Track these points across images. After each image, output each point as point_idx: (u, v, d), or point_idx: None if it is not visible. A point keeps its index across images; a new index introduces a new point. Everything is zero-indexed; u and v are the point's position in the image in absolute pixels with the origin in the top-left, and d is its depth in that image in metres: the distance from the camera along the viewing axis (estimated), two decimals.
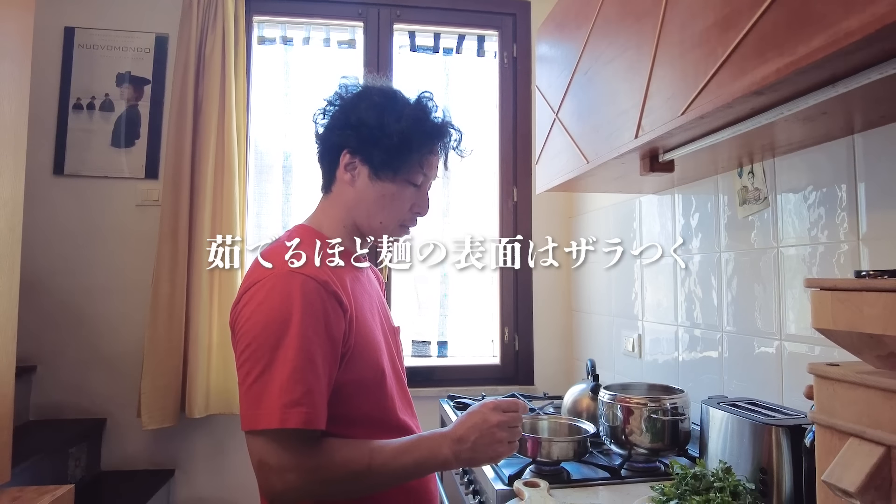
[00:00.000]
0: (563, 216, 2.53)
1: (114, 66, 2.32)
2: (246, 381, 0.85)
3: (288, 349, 0.83)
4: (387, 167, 0.99)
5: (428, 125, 1.01)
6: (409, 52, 2.55)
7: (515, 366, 2.47)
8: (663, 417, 1.31)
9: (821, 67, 0.72)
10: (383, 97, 1.02)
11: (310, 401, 0.83)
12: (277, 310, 0.85)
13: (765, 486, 1.06)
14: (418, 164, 1.01)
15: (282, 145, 2.47)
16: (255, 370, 0.84)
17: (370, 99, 1.01)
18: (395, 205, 1.02)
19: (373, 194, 1.01)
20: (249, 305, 0.87)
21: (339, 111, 1.03)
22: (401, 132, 0.97)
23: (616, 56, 1.27)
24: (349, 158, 1.00)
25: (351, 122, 1.00)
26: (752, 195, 1.37)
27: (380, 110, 0.99)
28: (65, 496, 1.46)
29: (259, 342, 0.84)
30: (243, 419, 0.84)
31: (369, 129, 0.98)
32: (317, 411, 0.84)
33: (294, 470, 0.82)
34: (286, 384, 0.82)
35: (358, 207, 1.02)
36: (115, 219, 2.27)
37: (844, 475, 0.66)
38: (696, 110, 0.95)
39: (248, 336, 0.86)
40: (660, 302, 1.78)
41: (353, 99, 1.03)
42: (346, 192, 1.03)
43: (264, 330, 0.84)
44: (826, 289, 0.71)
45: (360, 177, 1.00)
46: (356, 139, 0.99)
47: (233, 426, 2.24)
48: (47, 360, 2.18)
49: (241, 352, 0.87)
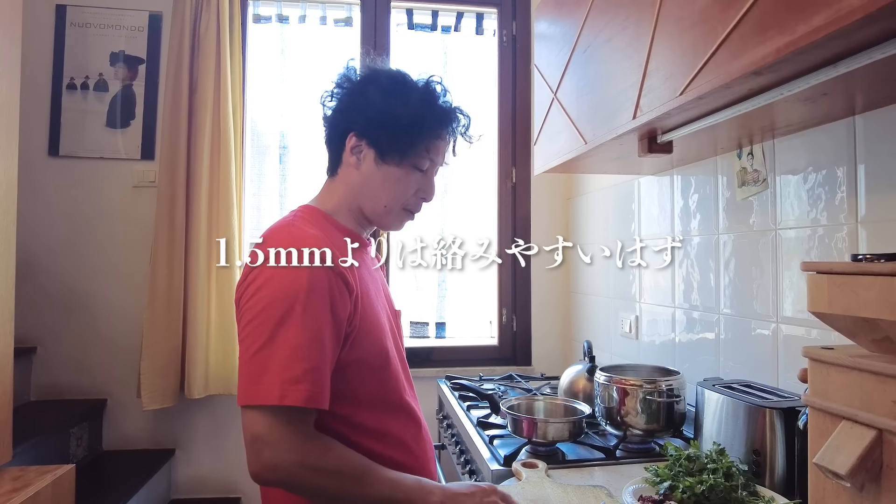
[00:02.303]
0: (562, 197, 2.52)
1: (107, 46, 2.29)
2: (245, 355, 0.84)
3: (292, 326, 0.83)
4: (393, 151, 0.99)
5: (436, 110, 1.01)
6: (406, 30, 2.52)
7: (513, 347, 2.48)
8: (659, 399, 1.31)
9: (822, 47, 0.70)
10: (392, 80, 1.01)
11: (312, 378, 0.83)
12: (284, 286, 0.85)
13: (758, 468, 1.07)
14: (425, 149, 1.01)
15: (278, 125, 2.45)
16: (255, 344, 0.83)
17: (378, 82, 1.00)
18: (400, 189, 1.02)
19: (378, 178, 1.00)
20: (256, 282, 0.87)
21: (347, 93, 1.02)
22: (408, 116, 0.97)
23: (615, 34, 1.25)
24: (355, 141, 1.00)
25: (358, 105, 1.00)
26: (751, 177, 1.36)
27: (388, 93, 0.99)
28: (66, 475, 1.48)
29: (263, 317, 0.84)
30: (241, 393, 0.83)
31: (376, 112, 0.98)
32: (319, 390, 0.84)
33: (289, 449, 0.81)
34: (288, 360, 0.82)
35: (363, 191, 1.02)
36: (111, 200, 2.26)
37: (836, 458, 0.66)
38: (695, 91, 0.93)
39: (252, 311, 0.85)
40: (657, 283, 1.78)
41: (362, 82, 1.02)
42: (352, 176, 1.02)
43: (269, 306, 0.84)
44: (822, 272, 0.71)
45: (366, 160, 1.00)
46: (363, 122, 0.99)
47: (232, 406, 2.26)
48: (47, 342, 2.19)
49: (243, 326, 0.86)
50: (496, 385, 1.95)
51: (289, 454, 0.81)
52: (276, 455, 0.81)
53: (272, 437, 0.81)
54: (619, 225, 2.03)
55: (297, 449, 0.82)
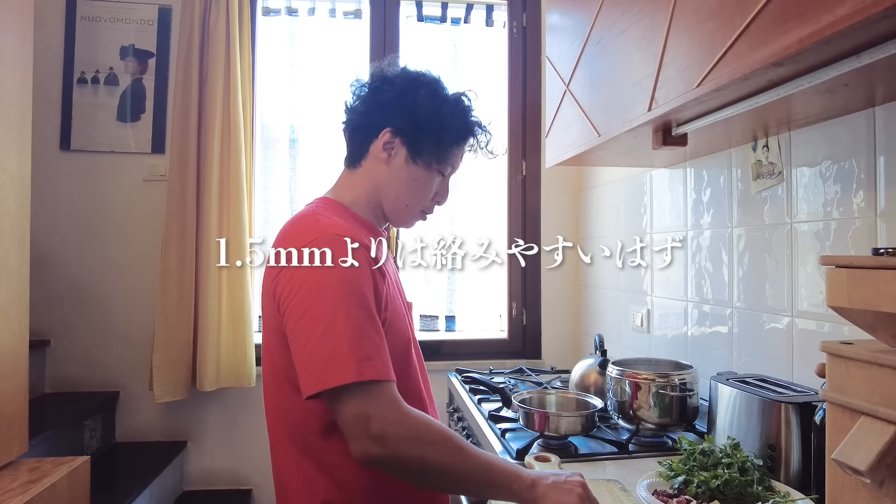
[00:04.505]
0: (573, 190, 2.50)
1: (117, 39, 2.29)
2: (308, 346, 0.84)
3: (348, 309, 0.84)
4: (427, 154, 1.02)
5: (469, 122, 1.06)
6: (416, 22, 2.50)
7: (523, 340, 2.48)
8: (671, 393, 1.31)
9: (846, 37, 0.69)
10: (438, 87, 1.05)
11: (378, 355, 0.84)
12: (329, 273, 0.86)
13: (773, 463, 1.06)
14: (454, 157, 1.06)
15: (287, 118, 2.44)
16: (316, 333, 0.83)
17: (429, 87, 1.04)
18: (423, 191, 1.05)
19: (405, 176, 1.03)
20: (299, 274, 0.87)
21: (393, 90, 1.03)
22: (451, 125, 1.03)
23: (630, 25, 1.23)
24: (390, 137, 1.02)
25: (406, 104, 1.01)
26: (766, 169, 1.34)
27: (439, 101, 1.03)
28: (81, 467, 1.50)
29: (317, 307, 0.84)
30: (312, 380, 0.82)
31: (425, 115, 1.01)
32: (387, 364, 0.85)
33: (394, 420, 0.81)
34: (354, 341, 0.82)
35: (387, 187, 1.04)
36: (123, 194, 2.27)
37: (855, 453, 0.66)
38: (712, 82, 0.92)
39: (303, 303, 0.85)
40: (669, 277, 1.77)
41: (412, 83, 1.04)
42: (378, 170, 1.04)
43: (320, 294, 0.85)
44: (842, 266, 0.70)
45: (397, 157, 1.02)
46: (406, 121, 1.01)
47: (243, 399, 2.27)
48: (60, 335, 2.21)
49: (297, 319, 0.85)
50: (507, 379, 1.95)
51: (395, 426, 0.81)
52: (385, 427, 0.80)
53: (376, 410, 0.80)
54: (631, 218, 2.02)
55: (401, 420, 0.82)
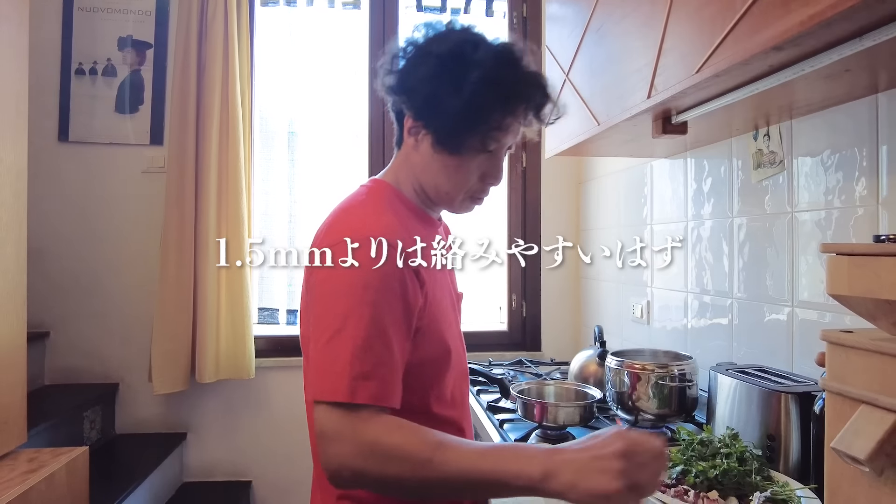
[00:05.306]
0: (574, 182, 2.49)
1: (115, 30, 2.28)
2: (316, 347, 0.79)
3: (362, 318, 0.77)
4: (450, 138, 0.87)
5: (504, 86, 0.85)
6: (415, 12, 2.48)
7: (523, 332, 2.47)
8: (670, 384, 1.30)
9: (848, 18, 0.68)
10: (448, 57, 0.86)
11: (381, 375, 0.76)
12: (355, 275, 0.79)
13: (772, 453, 1.06)
14: (495, 130, 0.88)
15: (286, 109, 2.43)
16: (323, 337, 0.78)
17: (429, 59, 0.87)
18: (461, 176, 0.91)
19: (438, 164, 0.90)
20: (324, 269, 0.81)
21: (408, 63, 0.90)
22: (462, 100, 0.83)
23: (629, 12, 1.22)
24: (412, 122, 0.90)
25: (407, 85, 0.89)
26: (767, 158, 1.33)
27: (440, 74, 0.85)
28: (80, 458, 1.50)
29: (332, 306, 0.79)
30: (310, 386, 0.79)
31: (425, 95, 0.87)
32: (389, 387, 0.77)
33: (349, 439, 0.72)
34: (357, 354, 0.75)
35: (424, 174, 0.93)
36: (121, 186, 2.26)
37: (855, 442, 0.65)
38: (712, 68, 0.91)
39: (322, 299, 0.81)
40: (669, 268, 1.76)
41: (414, 57, 0.89)
42: (413, 157, 0.93)
43: (338, 294, 0.79)
44: (843, 254, 0.69)
45: (424, 143, 0.90)
46: (415, 105, 0.89)
47: (242, 391, 2.27)
48: (59, 326, 2.21)
49: (315, 317, 0.82)
50: (506, 370, 1.95)
51: (350, 447, 0.72)
52: (339, 449, 0.72)
53: (334, 431, 0.73)
54: (632, 209, 2.01)
55: (360, 439, 0.73)
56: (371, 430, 0.73)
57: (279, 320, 2.48)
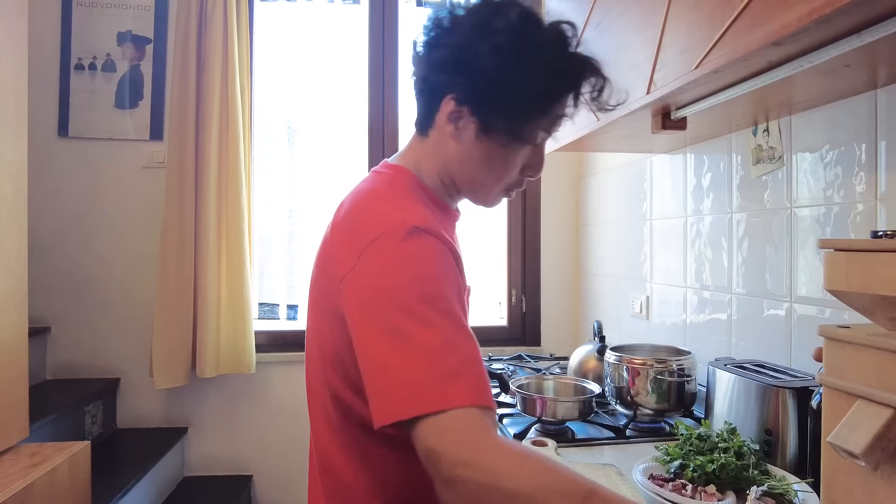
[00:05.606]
0: (574, 177, 2.49)
1: (114, 25, 2.27)
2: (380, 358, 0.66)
3: (430, 313, 0.66)
4: (503, 128, 0.78)
5: (567, 73, 0.77)
6: (415, 6, 2.47)
7: (522, 327, 2.48)
8: (669, 378, 1.31)
9: (847, 14, 0.68)
10: (513, 35, 0.75)
11: (469, 371, 0.64)
12: (410, 274, 0.68)
13: (769, 447, 1.06)
14: (546, 122, 0.81)
15: (286, 105, 2.43)
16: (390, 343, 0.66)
17: (492, 36, 0.75)
18: (505, 168, 0.83)
19: (479, 154, 0.81)
20: (374, 268, 0.70)
21: (447, 42, 0.77)
22: (532, 89, 0.75)
23: (629, 7, 1.22)
24: (454, 107, 0.78)
25: (462, 65, 0.76)
26: (766, 154, 1.33)
27: (506, 56, 0.74)
28: (81, 452, 1.51)
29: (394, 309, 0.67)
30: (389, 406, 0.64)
31: (487, 80, 0.75)
32: (480, 382, 0.64)
33: (466, 462, 0.58)
34: (436, 354, 0.64)
35: (459, 166, 0.83)
36: (121, 181, 2.26)
37: (851, 437, 0.65)
38: (711, 64, 0.91)
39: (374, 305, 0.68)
40: (669, 263, 1.76)
41: (470, 31, 0.76)
42: (448, 146, 0.82)
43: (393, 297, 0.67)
44: (840, 249, 0.69)
45: (466, 130, 0.80)
46: (467, 87, 0.77)
47: (243, 386, 2.28)
48: (60, 322, 2.22)
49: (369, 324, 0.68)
50: (505, 365, 1.95)
51: (467, 469, 0.58)
52: (454, 470, 0.59)
53: (447, 447, 0.60)
54: (631, 204, 2.01)
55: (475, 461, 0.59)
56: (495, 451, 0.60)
57: (279, 315, 2.49)
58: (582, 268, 2.46)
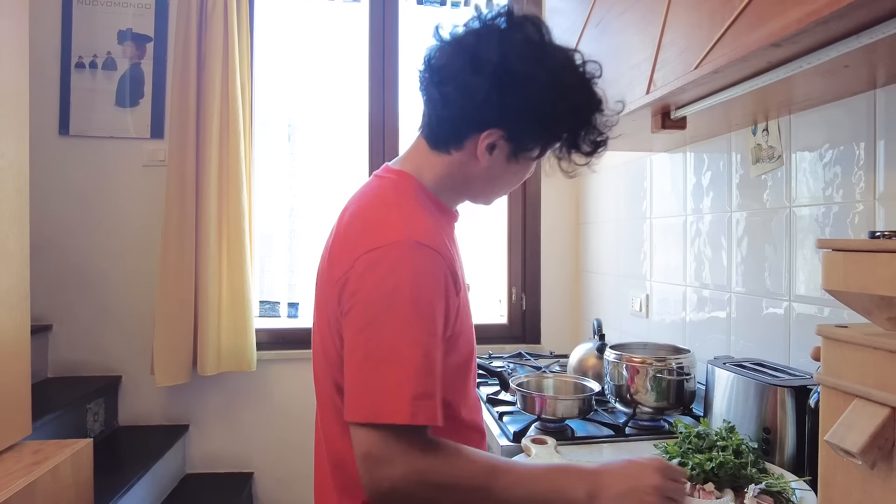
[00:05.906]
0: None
1: (115, 23, 2.27)
2: (364, 365, 0.74)
3: (419, 332, 0.73)
4: (532, 150, 0.86)
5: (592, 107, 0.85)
6: (415, 5, 2.48)
7: (522, 325, 2.48)
8: (668, 377, 1.31)
9: (845, 16, 0.68)
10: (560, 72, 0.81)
11: (435, 394, 0.74)
12: (406, 287, 0.74)
13: (768, 446, 1.07)
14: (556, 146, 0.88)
15: (286, 102, 2.43)
16: (375, 352, 0.74)
17: (538, 79, 0.79)
18: (517, 180, 0.93)
19: (500, 172, 0.88)
20: (372, 275, 0.75)
21: (491, 81, 0.79)
22: (570, 127, 0.83)
23: (629, 7, 1.22)
24: (494, 140, 0.83)
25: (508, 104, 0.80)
26: (765, 153, 1.33)
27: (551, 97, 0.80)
28: (84, 449, 1.51)
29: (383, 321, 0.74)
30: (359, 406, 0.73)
31: (534, 119, 0.82)
32: (438, 404, 0.74)
33: (403, 465, 0.71)
34: (418, 373, 0.72)
35: (479, 181, 0.89)
36: (122, 179, 2.27)
37: (848, 435, 0.66)
38: (711, 64, 0.91)
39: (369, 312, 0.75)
40: (668, 262, 1.77)
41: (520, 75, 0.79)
42: (472, 166, 0.87)
43: (390, 308, 0.74)
44: (838, 249, 0.70)
45: (498, 155, 0.86)
46: (516, 124, 0.82)
47: (244, 384, 2.29)
48: (62, 320, 2.22)
49: (359, 328, 0.76)
50: (505, 363, 1.96)
51: (403, 470, 0.71)
52: (390, 472, 0.71)
53: (387, 453, 0.71)
54: (631, 203, 2.01)
55: (412, 465, 0.72)
56: (426, 455, 0.73)
57: (280, 313, 2.50)
58: (582, 266, 2.47)
